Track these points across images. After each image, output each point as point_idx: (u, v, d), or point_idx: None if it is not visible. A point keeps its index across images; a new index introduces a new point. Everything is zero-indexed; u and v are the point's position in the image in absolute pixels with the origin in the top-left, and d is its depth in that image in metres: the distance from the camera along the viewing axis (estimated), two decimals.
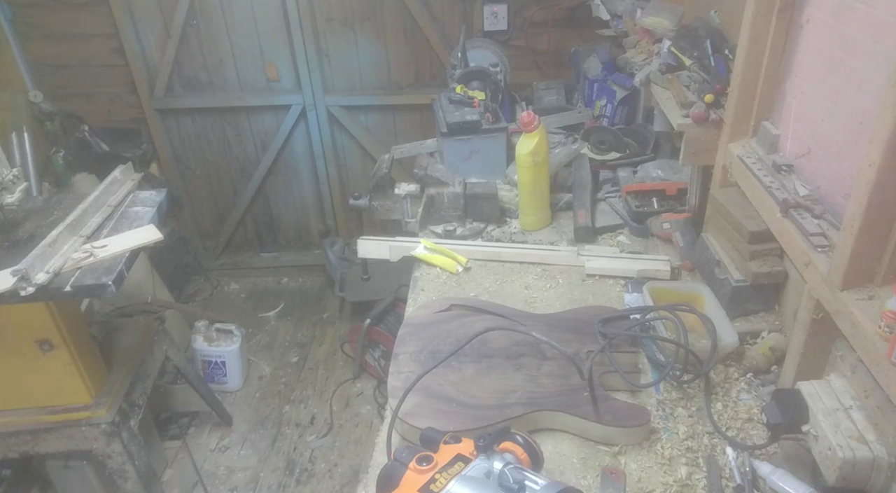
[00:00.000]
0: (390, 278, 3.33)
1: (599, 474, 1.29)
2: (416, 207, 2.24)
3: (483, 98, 2.51)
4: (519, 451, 0.97)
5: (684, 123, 1.84)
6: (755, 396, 1.48)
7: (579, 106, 2.83)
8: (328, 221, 4.26)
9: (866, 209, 1.13)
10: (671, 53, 2.04)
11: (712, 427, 1.39)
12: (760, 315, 1.67)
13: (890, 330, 1.07)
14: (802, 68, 1.53)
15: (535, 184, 2.11)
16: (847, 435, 1.14)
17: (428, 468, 0.84)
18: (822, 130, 1.45)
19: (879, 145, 1.08)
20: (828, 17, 1.42)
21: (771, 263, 1.59)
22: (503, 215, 2.26)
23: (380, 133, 3.92)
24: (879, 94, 1.13)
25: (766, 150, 1.64)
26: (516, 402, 1.39)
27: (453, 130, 2.34)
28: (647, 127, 2.40)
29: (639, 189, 2.16)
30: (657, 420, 1.41)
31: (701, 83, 1.85)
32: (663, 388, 1.50)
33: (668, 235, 2.02)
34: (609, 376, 1.48)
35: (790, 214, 1.42)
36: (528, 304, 1.81)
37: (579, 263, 1.96)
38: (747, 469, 1.28)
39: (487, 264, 2.01)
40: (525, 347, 1.53)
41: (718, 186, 1.82)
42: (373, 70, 3.73)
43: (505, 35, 3.48)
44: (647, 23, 2.33)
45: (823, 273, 1.26)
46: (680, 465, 1.31)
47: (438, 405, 1.38)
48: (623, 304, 1.80)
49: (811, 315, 1.32)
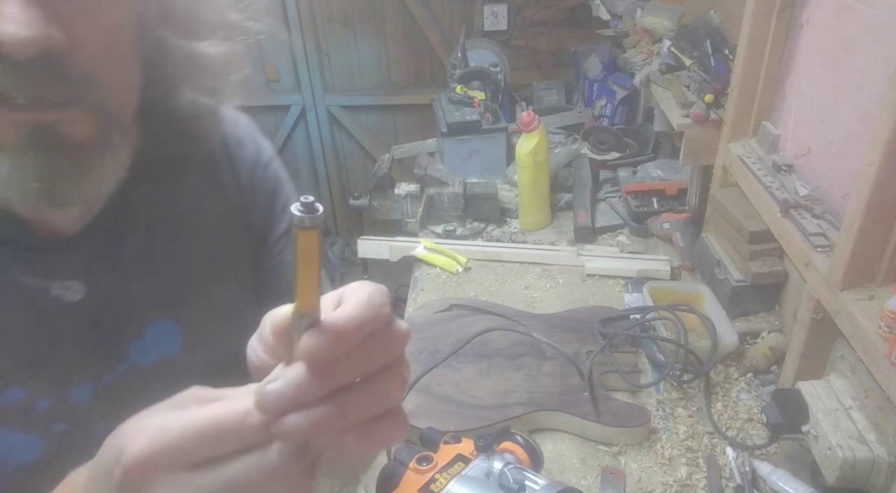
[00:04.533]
0: (390, 278, 3.32)
1: (599, 474, 1.29)
2: (416, 207, 2.24)
3: (483, 98, 2.50)
4: (519, 451, 0.97)
5: (684, 123, 1.84)
6: (755, 396, 1.48)
7: (579, 106, 2.83)
8: (328, 221, 4.26)
9: (866, 209, 1.13)
10: (671, 53, 2.04)
11: (712, 427, 1.39)
12: (760, 315, 1.67)
13: (890, 330, 1.07)
14: (802, 68, 1.53)
15: (535, 184, 2.11)
16: (847, 435, 1.14)
17: (428, 469, 0.84)
18: (822, 130, 1.45)
19: (879, 145, 1.08)
20: (828, 17, 1.42)
21: (771, 263, 1.59)
22: (503, 215, 2.26)
23: (380, 133, 3.91)
24: (879, 94, 1.13)
25: (766, 150, 1.64)
26: (516, 402, 1.39)
27: (453, 130, 2.34)
28: (647, 127, 2.40)
29: (639, 189, 2.16)
30: (657, 420, 1.41)
31: (701, 83, 1.85)
32: (663, 388, 1.50)
33: (668, 235, 2.02)
34: (609, 376, 1.48)
35: (790, 214, 1.42)
36: (528, 304, 1.81)
37: (579, 263, 1.96)
38: (747, 469, 1.28)
39: (487, 264, 2.01)
40: (525, 347, 1.53)
41: (718, 186, 1.82)
42: (373, 70, 3.73)
43: (505, 35, 3.48)
44: (647, 23, 2.33)
45: (823, 273, 1.26)
46: (680, 465, 1.31)
47: (438, 405, 1.38)
48: (623, 304, 1.80)
49: (811, 315, 1.32)
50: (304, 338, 0.32)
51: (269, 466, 0.32)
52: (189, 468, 0.32)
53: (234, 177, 0.67)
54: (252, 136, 0.71)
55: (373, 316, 0.33)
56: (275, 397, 0.32)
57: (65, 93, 0.43)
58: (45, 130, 0.43)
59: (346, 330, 0.32)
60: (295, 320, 0.33)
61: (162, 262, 0.61)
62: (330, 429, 0.32)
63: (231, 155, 0.67)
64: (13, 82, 0.40)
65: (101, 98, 0.45)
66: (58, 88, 0.42)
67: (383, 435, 0.35)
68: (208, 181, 0.65)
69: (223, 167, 0.66)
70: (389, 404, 0.35)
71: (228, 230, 0.66)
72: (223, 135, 0.63)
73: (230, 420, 0.32)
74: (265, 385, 0.33)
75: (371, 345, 0.33)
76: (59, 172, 0.44)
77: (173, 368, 0.61)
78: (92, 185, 0.47)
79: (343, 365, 0.33)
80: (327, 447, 0.34)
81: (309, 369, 0.32)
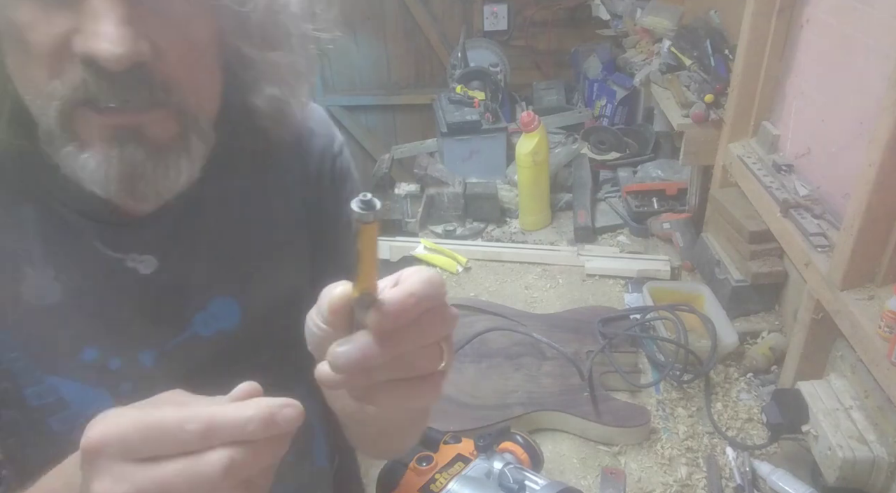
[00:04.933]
0: None
1: (599, 474, 1.29)
2: (416, 207, 2.24)
3: (483, 98, 2.51)
4: (519, 451, 0.97)
5: (684, 123, 1.84)
6: (755, 396, 1.48)
7: (579, 106, 2.83)
8: None
9: (866, 209, 1.13)
10: (671, 53, 2.04)
11: (712, 427, 1.39)
12: (760, 315, 1.67)
13: (890, 330, 1.07)
14: (802, 68, 1.53)
15: (535, 184, 2.11)
16: (847, 435, 1.14)
17: (428, 469, 0.84)
18: (822, 130, 1.45)
19: (879, 145, 1.08)
20: (828, 17, 1.42)
21: (771, 263, 1.59)
22: (503, 215, 2.26)
23: (380, 133, 3.91)
24: (879, 94, 1.13)
25: (766, 150, 1.64)
26: (516, 402, 1.39)
27: (453, 130, 2.34)
28: (647, 127, 2.40)
29: (639, 189, 2.16)
30: (657, 420, 1.41)
31: (701, 83, 1.85)
32: (663, 388, 1.50)
33: (668, 235, 2.02)
34: (609, 376, 1.48)
35: (790, 214, 1.42)
36: (528, 304, 1.81)
37: (579, 263, 1.96)
38: (747, 469, 1.28)
39: (487, 264, 2.01)
40: (525, 347, 1.53)
41: (718, 186, 1.82)
42: (373, 70, 3.73)
43: (505, 35, 3.47)
44: (647, 23, 2.33)
45: (823, 273, 1.26)
46: (680, 465, 1.31)
47: (438, 405, 1.38)
48: (623, 304, 1.80)
49: (811, 315, 1.32)
50: (371, 311, 0.37)
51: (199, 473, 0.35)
52: (132, 461, 0.35)
53: (303, 167, 0.72)
54: (324, 127, 0.76)
55: (429, 294, 0.38)
56: (343, 357, 0.37)
57: (149, 97, 0.48)
58: (129, 131, 0.48)
59: (406, 304, 0.37)
60: (357, 298, 0.38)
61: (227, 244, 0.67)
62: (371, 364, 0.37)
63: (303, 146, 0.72)
64: (104, 90, 0.46)
65: (182, 102, 0.50)
66: (143, 93, 0.47)
67: (415, 392, 0.41)
68: (277, 171, 0.70)
69: (293, 158, 0.71)
70: (423, 370, 0.41)
71: (292, 217, 0.71)
72: (296, 127, 0.68)
73: (171, 422, 0.36)
74: (336, 347, 0.37)
75: (425, 320, 0.38)
76: (139, 170, 0.49)
77: (231, 339, 0.67)
78: (167, 183, 0.52)
79: (402, 335, 0.37)
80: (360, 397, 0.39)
81: (374, 337, 0.37)
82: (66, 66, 0.46)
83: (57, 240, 0.57)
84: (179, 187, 0.53)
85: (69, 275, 0.58)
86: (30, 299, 0.56)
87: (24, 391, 0.58)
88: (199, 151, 0.54)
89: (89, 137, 0.49)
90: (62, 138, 0.48)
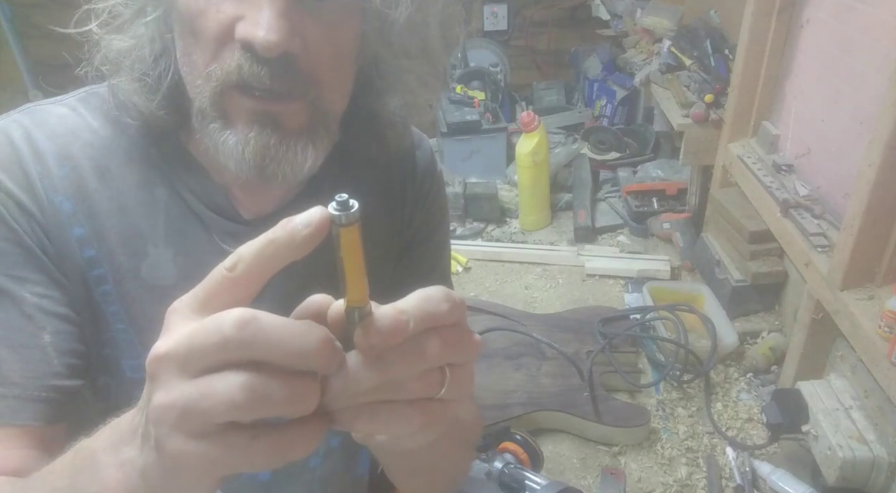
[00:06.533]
0: None
1: (599, 474, 1.29)
2: None
3: (483, 98, 2.51)
4: (519, 451, 0.97)
5: (684, 123, 1.84)
6: (755, 396, 1.48)
7: (579, 106, 2.83)
8: None
9: (866, 209, 1.13)
10: (671, 53, 2.04)
11: (712, 427, 1.39)
12: (760, 315, 1.67)
13: (890, 330, 1.07)
14: (802, 68, 1.53)
15: (535, 184, 2.11)
16: (847, 435, 1.14)
17: None
18: (822, 130, 1.45)
19: (879, 145, 1.08)
20: (828, 17, 1.42)
21: (771, 263, 1.59)
22: (503, 215, 2.26)
23: None
24: (879, 94, 1.13)
25: (766, 150, 1.64)
26: (516, 402, 1.39)
27: (453, 130, 2.34)
28: (647, 127, 2.40)
29: (639, 189, 2.16)
30: (657, 420, 1.41)
31: (701, 83, 1.85)
32: (663, 388, 1.50)
33: (668, 235, 2.02)
34: (609, 376, 1.48)
35: (790, 214, 1.42)
36: (528, 304, 1.81)
37: (579, 263, 1.96)
38: (747, 469, 1.28)
39: (487, 264, 2.01)
40: (525, 347, 1.53)
41: (718, 186, 1.82)
42: None
43: (505, 35, 3.47)
44: (647, 23, 2.33)
45: (823, 273, 1.26)
46: (680, 465, 1.31)
47: None
48: (623, 304, 1.80)
49: (811, 315, 1.32)
50: (359, 328, 0.34)
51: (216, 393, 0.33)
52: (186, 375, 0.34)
53: (406, 180, 0.75)
54: (427, 146, 0.80)
55: (430, 313, 0.34)
56: (333, 385, 0.35)
57: (292, 87, 0.52)
58: (269, 116, 0.53)
59: (396, 322, 0.33)
60: (348, 312, 0.35)
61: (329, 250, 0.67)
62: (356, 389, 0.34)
63: (412, 161, 0.76)
64: (255, 74, 0.51)
65: (319, 96, 0.55)
66: (288, 82, 0.52)
67: (397, 418, 0.36)
68: (385, 181, 0.74)
69: (400, 170, 0.75)
70: (412, 394, 0.36)
71: (388, 225, 0.74)
72: (411, 138, 0.72)
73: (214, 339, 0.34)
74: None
75: (425, 340, 0.34)
76: (271, 152, 0.54)
77: None
78: (294, 168, 0.55)
79: (394, 355, 0.34)
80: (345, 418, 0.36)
81: (362, 358, 0.34)
82: (226, 51, 0.51)
83: (181, 225, 0.61)
84: (303, 174, 0.57)
85: (186, 260, 0.61)
86: (147, 276, 0.60)
87: (123, 363, 0.61)
88: (324, 143, 0.57)
89: (235, 117, 0.54)
90: (211, 116, 0.54)
